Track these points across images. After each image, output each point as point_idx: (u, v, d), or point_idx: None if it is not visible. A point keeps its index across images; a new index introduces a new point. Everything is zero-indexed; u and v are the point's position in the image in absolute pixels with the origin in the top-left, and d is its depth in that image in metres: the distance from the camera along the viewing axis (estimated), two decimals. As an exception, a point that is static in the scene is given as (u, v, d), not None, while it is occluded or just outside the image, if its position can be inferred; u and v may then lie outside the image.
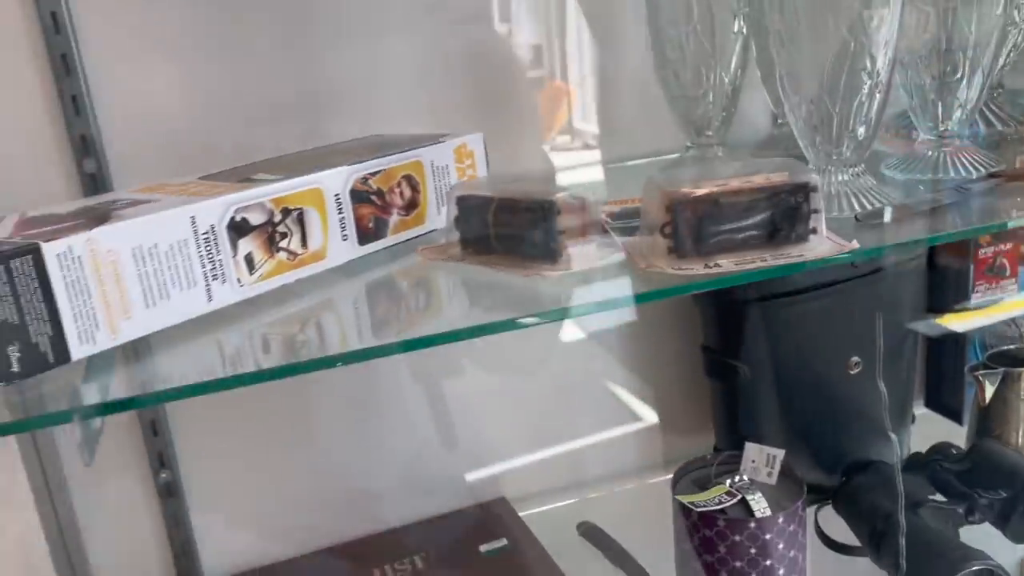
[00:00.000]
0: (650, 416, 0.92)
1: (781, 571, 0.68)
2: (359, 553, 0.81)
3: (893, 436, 0.77)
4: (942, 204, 0.59)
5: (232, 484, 0.79)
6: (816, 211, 0.52)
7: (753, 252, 0.52)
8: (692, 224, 0.50)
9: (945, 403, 0.98)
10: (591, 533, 0.83)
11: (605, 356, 0.89)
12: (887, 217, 0.56)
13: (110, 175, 0.67)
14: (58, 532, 0.72)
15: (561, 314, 0.48)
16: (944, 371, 0.98)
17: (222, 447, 0.78)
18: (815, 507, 0.82)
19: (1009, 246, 0.89)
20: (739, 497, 0.70)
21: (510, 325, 0.45)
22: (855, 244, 0.52)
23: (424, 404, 0.84)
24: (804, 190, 0.52)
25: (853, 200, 0.58)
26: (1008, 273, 0.90)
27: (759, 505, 0.69)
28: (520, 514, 0.85)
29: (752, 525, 0.67)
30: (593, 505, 0.88)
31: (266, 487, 0.80)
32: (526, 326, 0.45)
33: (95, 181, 0.67)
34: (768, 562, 0.67)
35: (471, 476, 0.87)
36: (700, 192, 0.50)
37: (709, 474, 0.75)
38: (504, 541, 0.81)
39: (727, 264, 0.51)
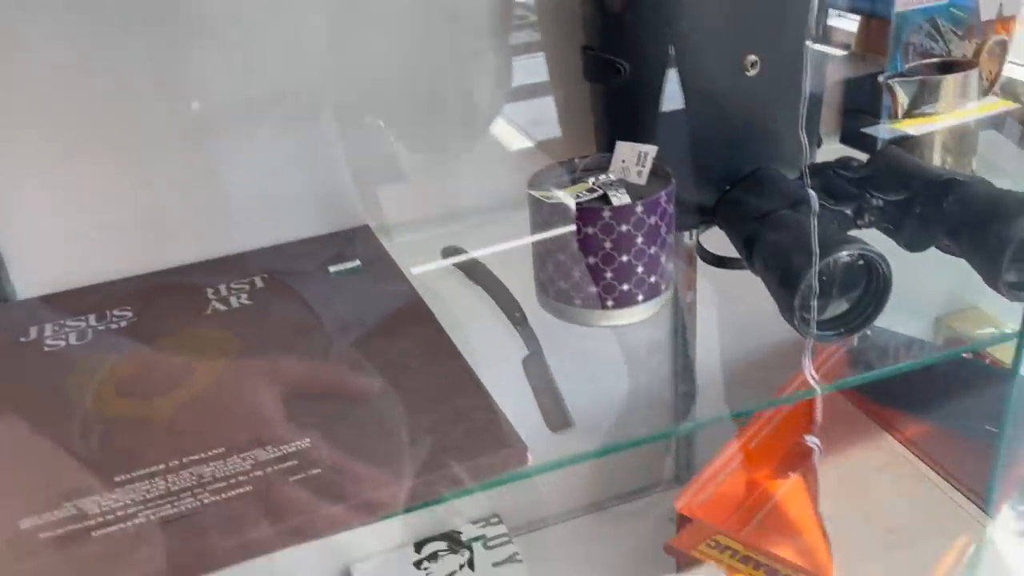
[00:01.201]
0: (528, 137, 0.82)
1: (640, 268, 0.61)
2: (192, 275, 0.73)
3: (813, 193, 0.65)
4: None
5: (42, 194, 0.69)
6: None
7: None
8: None
9: (862, 138, 0.90)
10: (456, 256, 0.76)
11: (479, 67, 0.78)
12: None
13: None
14: None
15: None
16: (862, 105, 0.89)
17: (28, 150, 0.67)
18: (698, 229, 0.74)
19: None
20: (600, 193, 0.62)
21: None
22: None
23: (276, 120, 0.74)
24: None
25: None
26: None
27: (621, 200, 0.61)
28: (383, 242, 0.77)
29: (606, 214, 0.59)
30: (465, 233, 0.80)
31: (85, 202, 0.70)
32: None
33: None
34: (625, 258, 0.60)
35: (330, 203, 0.79)
36: None
37: (575, 178, 0.66)
38: (357, 262, 0.73)
39: None
